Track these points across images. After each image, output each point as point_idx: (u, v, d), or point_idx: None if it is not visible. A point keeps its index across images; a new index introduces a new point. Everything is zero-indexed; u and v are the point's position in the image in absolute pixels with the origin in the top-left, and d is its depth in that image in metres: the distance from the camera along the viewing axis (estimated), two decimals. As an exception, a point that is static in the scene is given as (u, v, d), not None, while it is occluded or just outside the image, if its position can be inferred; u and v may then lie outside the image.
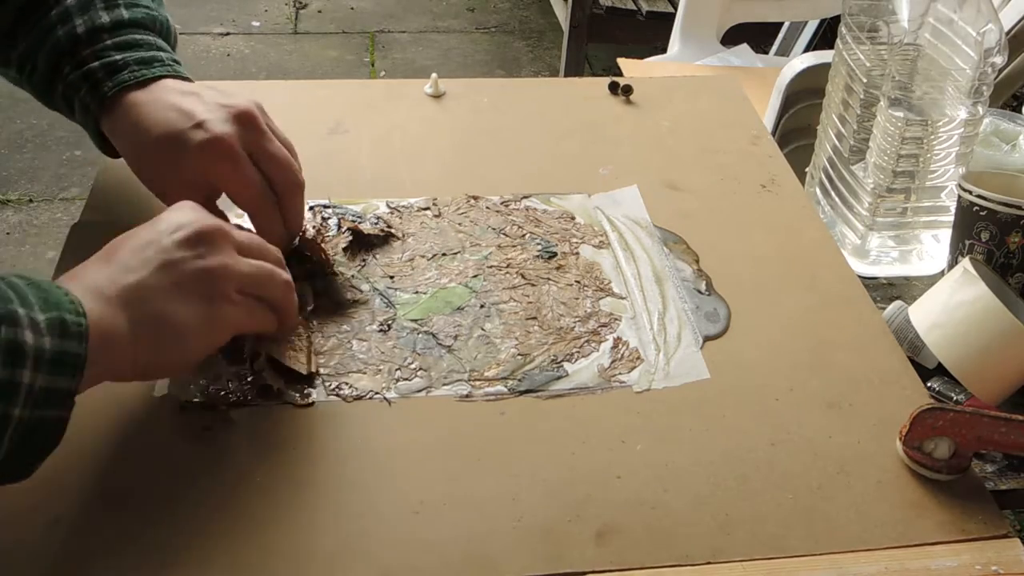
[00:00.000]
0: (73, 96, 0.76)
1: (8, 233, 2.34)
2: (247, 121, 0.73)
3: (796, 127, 1.32)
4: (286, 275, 0.68)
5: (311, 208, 0.83)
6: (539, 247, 0.84)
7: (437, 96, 1.03)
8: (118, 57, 0.75)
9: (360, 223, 0.83)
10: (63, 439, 0.57)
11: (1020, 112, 1.10)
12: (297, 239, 0.77)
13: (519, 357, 0.73)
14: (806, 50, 2.24)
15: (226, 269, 0.63)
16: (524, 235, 0.85)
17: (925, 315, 0.78)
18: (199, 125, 0.72)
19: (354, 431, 0.66)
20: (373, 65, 3.11)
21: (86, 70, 0.75)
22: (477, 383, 0.70)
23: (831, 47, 1.01)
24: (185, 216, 0.64)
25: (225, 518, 0.60)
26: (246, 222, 0.75)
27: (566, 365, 0.72)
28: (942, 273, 0.93)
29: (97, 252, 0.63)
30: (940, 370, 0.79)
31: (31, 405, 0.53)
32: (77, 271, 0.61)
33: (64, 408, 0.56)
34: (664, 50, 2.10)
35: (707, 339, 0.76)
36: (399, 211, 0.86)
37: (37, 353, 0.53)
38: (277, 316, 0.67)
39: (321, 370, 0.70)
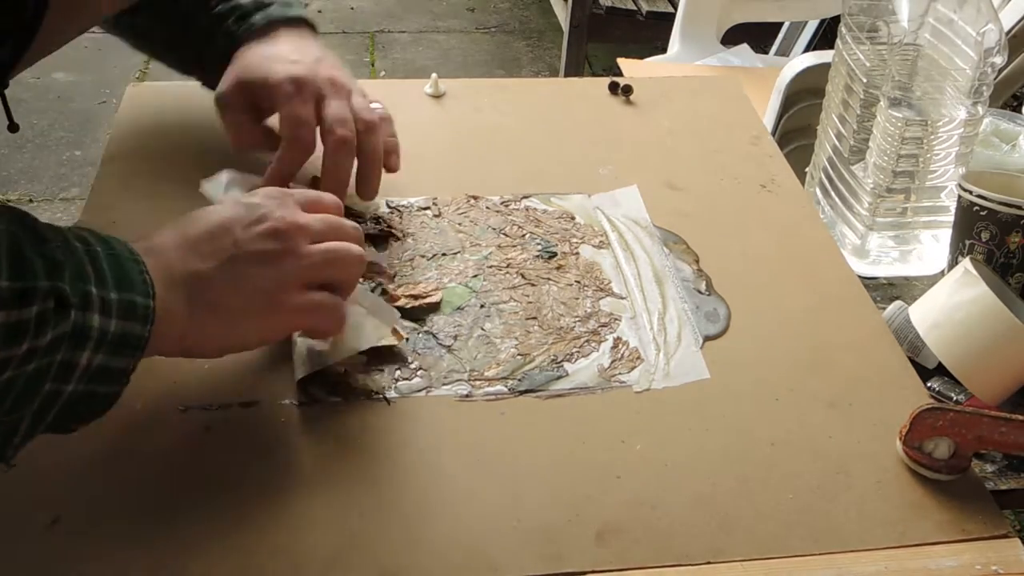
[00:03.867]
0: (216, 29, 0.83)
1: (8, 233, 2.34)
2: (331, 83, 0.79)
3: (796, 127, 1.32)
4: (358, 251, 0.67)
5: None
6: (539, 247, 0.84)
7: (437, 96, 1.03)
8: None
9: (360, 223, 0.83)
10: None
11: (1020, 112, 1.10)
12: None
13: (519, 357, 0.73)
14: (806, 50, 2.24)
15: (291, 275, 0.63)
16: (524, 235, 0.85)
17: (925, 315, 0.78)
18: (292, 62, 0.79)
19: (354, 431, 0.66)
20: (373, 65, 3.11)
21: (235, 3, 0.83)
22: (477, 383, 0.70)
23: (831, 47, 1.01)
24: (268, 207, 0.64)
25: (225, 518, 0.60)
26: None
27: (566, 365, 0.72)
28: (942, 273, 0.93)
29: (177, 220, 0.64)
30: (940, 370, 0.79)
31: (85, 381, 0.55)
32: (154, 240, 0.62)
33: (118, 384, 0.57)
34: (664, 50, 2.10)
35: (707, 339, 0.76)
36: (399, 211, 0.86)
37: (100, 335, 0.54)
38: (340, 292, 0.67)
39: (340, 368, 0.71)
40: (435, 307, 0.77)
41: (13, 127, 0.83)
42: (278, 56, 0.80)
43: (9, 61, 0.64)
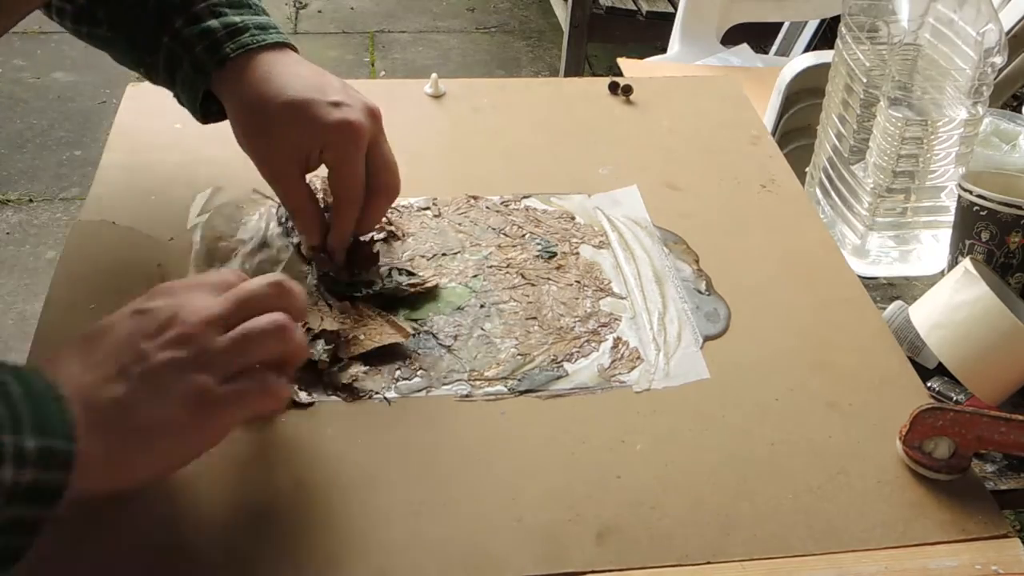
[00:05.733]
0: (182, 54, 0.75)
1: (8, 233, 2.34)
2: (375, 118, 0.74)
3: (796, 127, 1.32)
4: (272, 319, 0.58)
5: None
6: (539, 247, 0.84)
7: (437, 96, 1.03)
8: (236, 18, 0.75)
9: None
10: None
11: (1020, 112, 1.10)
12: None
13: (519, 357, 0.73)
14: (806, 50, 2.24)
15: (209, 376, 0.56)
16: (524, 235, 0.85)
17: (926, 315, 0.78)
18: (336, 104, 0.72)
19: (354, 431, 0.66)
20: (373, 65, 3.11)
21: (204, 27, 0.74)
22: (477, 383, 0.70)
23: (831, 47, 1.01)
24: (170, 308, 0.57)
25: (225, 518, 0.60)
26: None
27: (566, 365, 0.72)
28: (942, 273, 0.93)
29: (83, 336, 0.57)
30: (940, 370, 0.79)
31: None
32: (65, 367, 0.55)
33: (32, 535, 0.50)
34: (664, 50, 2.10)
35: (707, 339, 0.76)
36: (399, 211, 0.86)
37: (12, 489, 0.48)
38: (288, 360, 0.60)
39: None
40: (433, 293, 0.77)
41: None
42: (306, 89, 0.72)
43: None
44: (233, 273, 0.62)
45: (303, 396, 0.68)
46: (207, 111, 0.79)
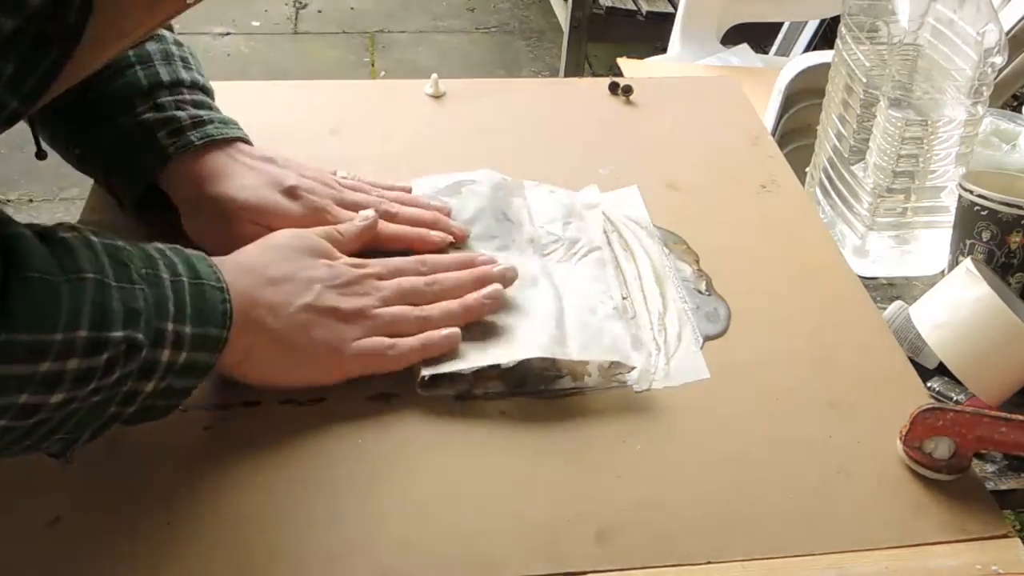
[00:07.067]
0: (139, 137, 0.77)
1: (8, 233, 2.33)
2: (324, 181, 0.79)
3: (796, 127, 1.32)
4: (416, 314, 0.70)
5: None
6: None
7: (437, 96, 1.03)
8: (203, 113, 0.79)
9: None
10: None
11: (1020, 112, 1.10)
12: None
13: (519, 357, 0.73)
14: (806, 50, 2.24)
15: (354, 333, 0.68)
16: (524, 235, 0.84)
17: (927, 315, 0.78)
18: (292, 192, 0.77)
19: (354, 431, 0.66)
20: (373, 65, 3.11)
21: (169, 115, 0.78)
22: (477, 383, 0.70)
23: (831, 47, 1.01)
24: (352, 274, 0.70)
25: (225, 518, 0.60)
26: None
27: (566, 365, 0.72)
28: (942, 273, 0.93)
29: (268, 249, 0.69)
30: (940, 370, 0.79)
31: (148, 400, 0.59)
32: (248, 261, 0.67)
33: (179, 399, 0.62)
34: (664, 50, 2.10)
35: (707, 339, 0.76)
36: (399, 211, 0.86)
37: (168, 366, 0.59)
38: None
39: None
40: None
41: (41, 154, 0.83)
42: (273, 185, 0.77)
43: (53, 70, 0.62)
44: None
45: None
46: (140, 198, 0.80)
